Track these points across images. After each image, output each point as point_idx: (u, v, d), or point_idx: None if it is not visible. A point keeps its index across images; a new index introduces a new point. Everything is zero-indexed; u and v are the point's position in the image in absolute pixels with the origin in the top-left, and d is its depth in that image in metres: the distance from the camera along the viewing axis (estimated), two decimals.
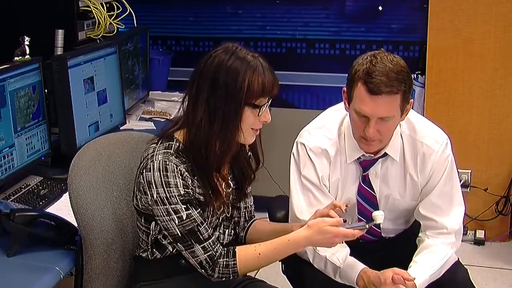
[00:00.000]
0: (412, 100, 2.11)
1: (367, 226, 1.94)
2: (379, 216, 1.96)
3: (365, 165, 2.19)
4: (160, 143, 1.89)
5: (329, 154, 2.18)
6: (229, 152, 1.93)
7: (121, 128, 3.06)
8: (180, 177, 1.84)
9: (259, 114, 1.88)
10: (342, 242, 2.03)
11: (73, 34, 3.08)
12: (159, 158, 1.85)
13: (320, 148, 2.18)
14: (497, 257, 3.72)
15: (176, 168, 1.84)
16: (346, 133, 2.17)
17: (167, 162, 1.84)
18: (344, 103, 2.12)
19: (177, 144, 1.89)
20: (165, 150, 1.86)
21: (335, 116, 2.20)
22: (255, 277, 2.23)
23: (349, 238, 1.93)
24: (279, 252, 1.93)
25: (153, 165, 1.84)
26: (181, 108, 1.94)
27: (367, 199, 2.22)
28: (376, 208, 2.24)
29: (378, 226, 2.28)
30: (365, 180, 2.20)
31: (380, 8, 3.88)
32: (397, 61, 2.03)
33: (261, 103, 1.88)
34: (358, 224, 2.01)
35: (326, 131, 2.20)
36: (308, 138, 2.20)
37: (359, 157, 2.18)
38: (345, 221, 1.92)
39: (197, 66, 1.90)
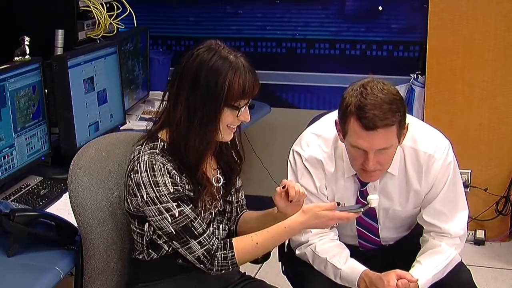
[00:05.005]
0: (408, 123, 2.06)
1: (361, 210, 1.94)
2: (373, 200, 1.96)
3: (363, 181, 2.17)
4: (145, 144, 1.90)
5: (324, 166, 2.16)
6: (208, 150, 1.93)
7: (121, 128, 3.06)
8: (168, 175, 1.85)
9: (238, 115, 1.89)
10: (337, 225, 2.02)
11: (73, 34, 3.08)
12: (145, 159, 1.85)
13: (315, 159, 2.17)
14: (497, 257, 3.72)
15: (163, 167, 1.84)
16: (343, 149, 2.13)
17: (154, 162, 1.84)
18: (338, 134, 2.09)
19: (162, 143, 1.89)
20: (151, 151, 1.87)
21: (332, 128, 2.13)
22: (255, 277, 2.23)
23: (344, 221, 1.94)
24: (276, 239, 1.94)
25: (140, 166, 1.85)
26: (161, 105, 1.94)
27: (366, 211, 2.19)
28: (375, 219, 2.24)
29: (377, 235, 2.28)
30: (363, 194, 2.18)
31: (380, 8, 3.88)
32: (387, 89, 1.98)
33: (241, 105, 1.88)
34: (352, 207, 2.01)
35: (321, 142, 2.18)
36: (303, 148, 2.19)
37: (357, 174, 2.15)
38: (339, 204, 1.91)
39: (179, 64, 1.90)
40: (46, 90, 2.58)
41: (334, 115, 2.14)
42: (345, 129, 2.02)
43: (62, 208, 2.28)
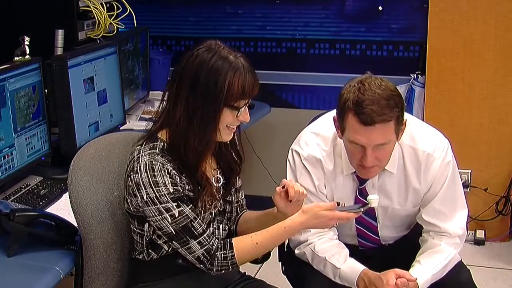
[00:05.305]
0: (406, 119, 2.07)
1: (361, 210, 1.94)
2: (373, 200, 1.96)
3: (361, 178, 2.16)
4: (145, 145, 1.90)
5: (323, 164, 2.17)
6: (207, 150, 1.94)
7: (121, 128, 3.06)
8: (168, 175, 1.85)
9: (238, 116, 1.89)
10: (337, 224, 2.03)
11: (73, 34, 3.08)
12: (145, 159, 1.85)
13: (314, 158, 2.17)
14: (497, 257, 3.72)
15: (163, 167, 1.85)
16: (342, 147, 2.14)
17: (153, 162, 1.84)
18: (336, 131, 2.10)
19: (161, 144, 1.89)
20: (151, 151, 1.87)
21: (331, 126, 2.14)
22: (255, 277, 2.23)
23: (344, 221, 1.94)
24: (276, 239, 1.94)
25: (140, 167, 1.85)
26: (161, 105, 1.94)
27: (365, 211, 2.19)
28: (375, 218, 2.24)
29: (376, 234, 2.28)
30: (362, 192, 2.18)
31: (380, 8, 3.88)
32: (385, 85, 1.99)
33: (240, 105, 1.88)
34: (352, 207, 2.01)
35: (320, 140, 2.18)
36: (302, 147, 2.19)
37: (355, 171, 2.15)
38: (338, 204, 1.91)
39: (179, 64, 1.90)
40: (46, 90, 2.58)
41: (332, 114, 2.14)
42: (343, 125, 2.02)
43: (62, 208, 2.28)
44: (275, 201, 1.95)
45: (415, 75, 3.81)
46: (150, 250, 1.97)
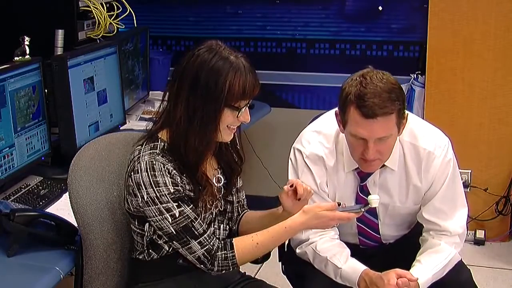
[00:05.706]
0: (408, 113, 2.08)
1: (362, 210, 1.95)
2: (374, 200, 1.97)
3: (362, 175, 2.17)
4: (145, 145, 1.90)
5: (325, 162, 2.17)
6: (208, 150, 1.94)
7: (121, 128, 3.06)
8: (168, 175, 1.85)
9: (238, 116, 1.89)
10: (337, 225, 2.03)
11: (73, 34, 3.08)
12: (146, 159, 1.85)
13: (316, 156, 2.17)
14: (497, 257, 3.72)
15: (164, 167, 1.85)
16: (344, 144, 2.14)
17: (154, 162, 1.84)
18: (339, 125, 2.10)
19: (162, 143, 1.89)
20: (151, 151, 1.87)
21: (333, 124, 2.15)
22: (255, 277, 2.23)
23: (344, 221, 1.95)
24: (277, 240, 1.94)
25: (140, 167, 1.85)
26: (161, 105, 1.94)
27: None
28: (376, 215, 2.24)
29: (377, 232, 2.28)
30: (363, 189, 2.19)
31: (380, 8, 3.88)
32: (387, 78, 2.00)
33: (241, 105, 1.88)
34: (353, 207, 2.01)
35: (322, 138, 2.19)
36: (304, 145, 2.19)
37: (357, 167, 2.16)
38: (339, 204, 1.92)
39: (180, 64, 1.90)
40: (46, 90, 2.58)
41: (333, 112, 2.15)
42: (345, 118, 2.03)
43: (62, 208, 2.28)
44: (282, 200, 1.95)
45: (415, 75, 3.81)
46: (150, 250, 1.97)
